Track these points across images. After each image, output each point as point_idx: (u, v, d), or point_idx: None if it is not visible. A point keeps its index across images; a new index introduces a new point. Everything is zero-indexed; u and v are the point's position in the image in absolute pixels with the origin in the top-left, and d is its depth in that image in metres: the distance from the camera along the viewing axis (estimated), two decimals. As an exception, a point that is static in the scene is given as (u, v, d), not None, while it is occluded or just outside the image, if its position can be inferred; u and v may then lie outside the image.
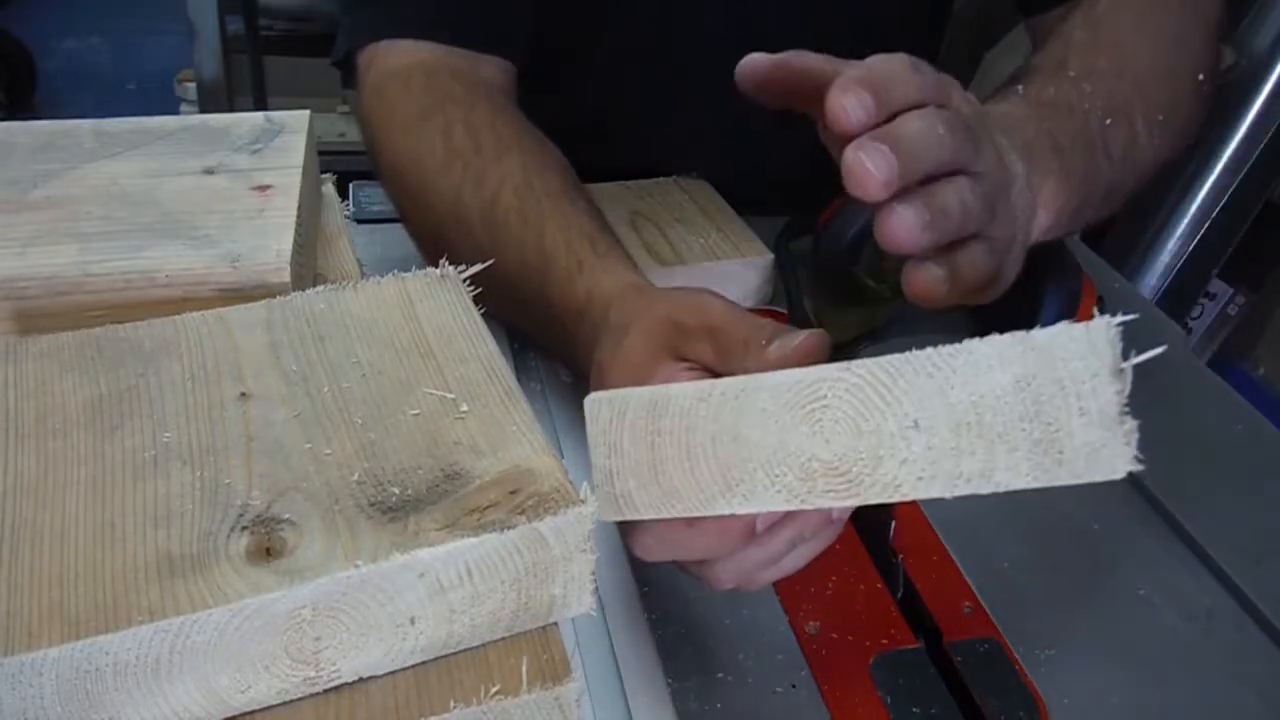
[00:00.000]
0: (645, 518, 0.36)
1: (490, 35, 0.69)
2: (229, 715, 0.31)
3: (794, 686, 0.47)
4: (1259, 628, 0.53)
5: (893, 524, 0.53)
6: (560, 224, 0.56)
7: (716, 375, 0.42)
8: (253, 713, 0.32)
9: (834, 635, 0.49)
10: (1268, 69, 0.91)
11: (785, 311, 0.71)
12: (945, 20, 0.97)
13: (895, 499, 0.31)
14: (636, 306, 0.46)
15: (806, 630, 0.50)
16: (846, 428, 0.31)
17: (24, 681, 0.28)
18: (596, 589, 0.35)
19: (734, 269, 0.70)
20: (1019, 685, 0.48)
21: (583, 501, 0.33)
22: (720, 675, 0.48)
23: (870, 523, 0.55)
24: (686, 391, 0.33)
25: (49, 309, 0.45)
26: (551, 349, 0.60)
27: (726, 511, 0.34)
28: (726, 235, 0.73)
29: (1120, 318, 0.28)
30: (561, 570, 0.34)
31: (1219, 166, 1.03)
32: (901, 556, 0.53)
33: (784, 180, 0.85)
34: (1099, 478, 0.29)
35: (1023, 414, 0.29)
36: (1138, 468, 0.28)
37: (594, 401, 0.35)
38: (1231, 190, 1.40)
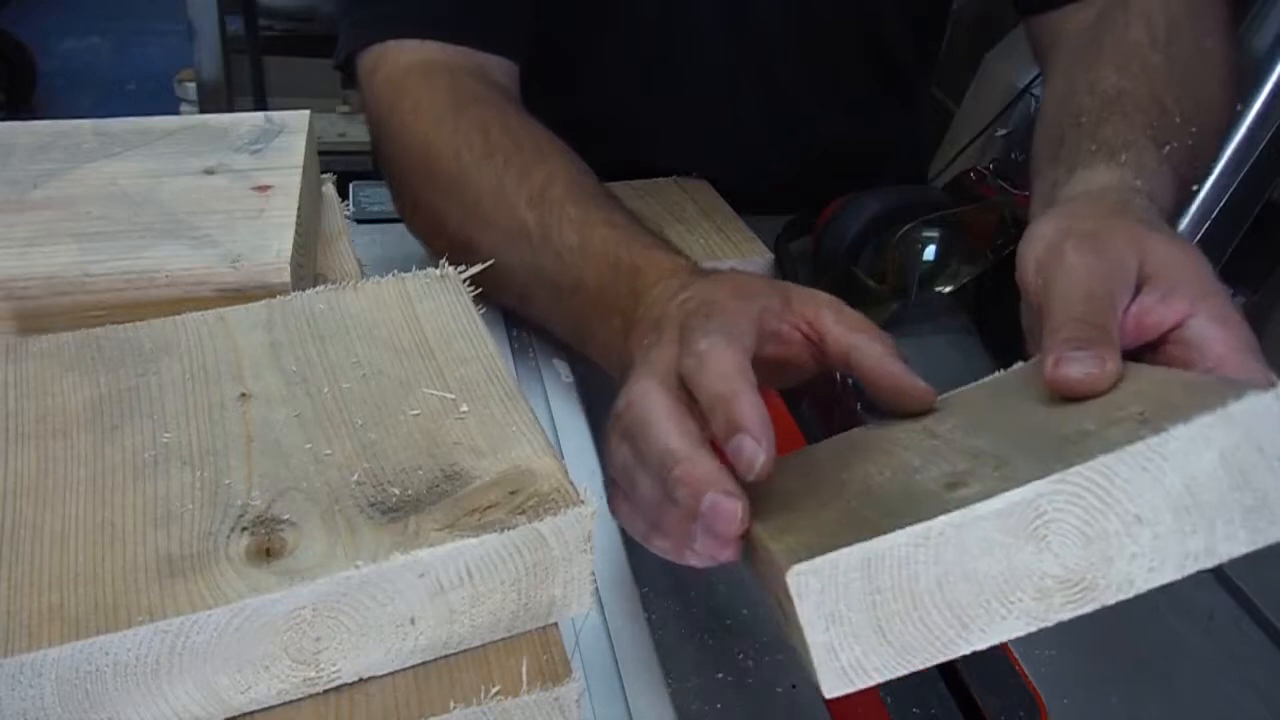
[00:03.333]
0: (880, 681, 0.33)
1: (492, 36, 0.70)
2: (229, 715, 0.31)
3: (794, 686, 0.47)
4: (1259, 628, 0.53)
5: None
6: (612, 216, 0.57)
7: (817, 347, 0.43)
8: (253, 713, 0.32)
9: (834, 635, 0.49)
10: (1268, 69, 0.91)
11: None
12: (944, 22, 0.97)
13: (1131, 594, 0.32)
14: (725, 280, 0.47)
15: (806, 630, 0.50)
16: (1074, 538, 0.31)
17: (24, 682, 0.28)
18: (596, 589, 0.35)
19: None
20: (1019, 685, 0.48)
21: (582, 502, 0.33)
22: (720, 675, 0.48)
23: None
24: (899, 540, 0.31)
25: (49, 309, 0.45)
26: (588, 323, 0.58)
27: (967, 650, 0.33)
28: (726, 235, 0.73)
29: None
30: (561, 570, 0.34)
31: (1219, 166, 1.03)
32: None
33: (784, 180, 0.85)
34: None
35: (1232, 484, 0.31)
36: None
37: (798, 576, 0.32)
38: (1231, 190, 1.40)
